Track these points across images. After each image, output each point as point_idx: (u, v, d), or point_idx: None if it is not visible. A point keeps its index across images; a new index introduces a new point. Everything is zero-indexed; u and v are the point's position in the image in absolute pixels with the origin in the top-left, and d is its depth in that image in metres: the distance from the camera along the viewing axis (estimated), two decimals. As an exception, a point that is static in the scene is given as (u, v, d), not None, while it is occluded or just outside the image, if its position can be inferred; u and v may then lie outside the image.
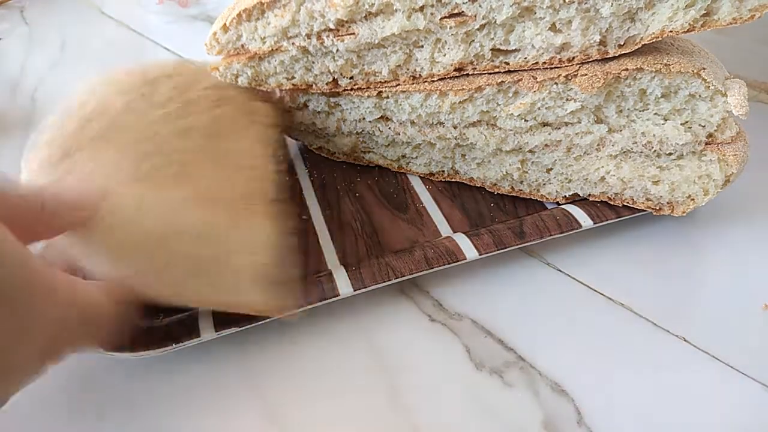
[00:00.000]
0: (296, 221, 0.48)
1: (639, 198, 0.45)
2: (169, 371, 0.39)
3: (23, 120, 0.65)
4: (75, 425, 0.37)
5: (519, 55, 0.42)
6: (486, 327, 0.41)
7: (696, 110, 0.40)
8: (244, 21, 0.43)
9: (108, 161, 0.37)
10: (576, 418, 0.36)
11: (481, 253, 0.42)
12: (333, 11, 0.41)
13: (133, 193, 0.35)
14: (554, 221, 0.44)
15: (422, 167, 0.52)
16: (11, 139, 0.62)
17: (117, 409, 0.37)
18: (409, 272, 0.41)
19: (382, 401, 0.37)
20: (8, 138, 0.62)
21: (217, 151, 0.41)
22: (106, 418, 0.37)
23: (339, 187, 0.51)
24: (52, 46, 0.81)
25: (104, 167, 0.36)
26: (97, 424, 0.37)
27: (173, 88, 0.45)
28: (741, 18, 0.37)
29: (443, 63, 0.43)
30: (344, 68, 0.45)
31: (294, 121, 0.52)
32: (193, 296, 0.36)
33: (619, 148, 0.43)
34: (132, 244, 0.33)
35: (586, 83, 0.40)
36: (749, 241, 0.47)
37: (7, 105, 0.68)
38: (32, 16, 0.90)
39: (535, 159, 0.46)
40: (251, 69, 0.46)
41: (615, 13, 0.38)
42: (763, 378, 0.38)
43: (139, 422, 0.37)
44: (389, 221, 0.47)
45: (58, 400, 0.38)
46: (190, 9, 0.91)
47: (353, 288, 0.40)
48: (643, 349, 0.40)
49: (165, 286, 0.35)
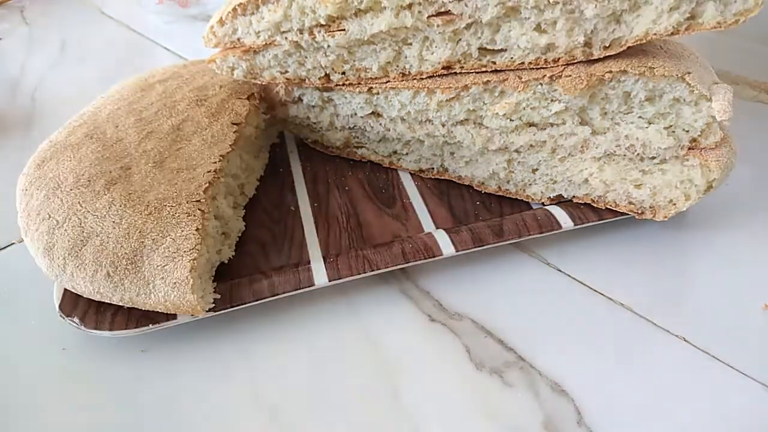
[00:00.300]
0: (285, 212, 0.49)
1: (621, 201, 0.45)
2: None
3: (23, 120, 0.66)
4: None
5: (505, 55, 0.42)
6: (486, 327, 0.42)
7: (680, 114, 0.40)
8: (239, 15, 0.44)
9: (67, 168, 0.42)
10: (576, 418, 0.36)
11: (458, 249, 0.42)
12: (323, 7, 0.42)
13: None
14: (535, 221, 0.44)
15: (412, 164, 0.52)
16: (11, 139, 0.63)
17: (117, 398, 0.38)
18: (385, 265, 0.41)
19: (382, 401, 0.37)
20: (8, 138, 0.63)
21: (167, 154, 0.43)
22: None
23: (330, 180, 0.52)
24: (52, 46, 0.82)
25: (62, 174, 0.41)
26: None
27: (162, 92, 0.49)
28: (725, 22, 0.37)
29: (431, 61, 0.44)
30: (336, 64, 0.46)
31: (289, 115, 0.53)
32: (113, 295, 0.37)
33: (602, 150, 0.43)
34: None
35: (569, 84, 0.40)
36: (749, 242, 0.47)
37: (7, 105, 0.69)
38: (32, 16, 0.91)
39: (521, 159, 0.47)
40: (246, 62, 0.47)
41: (599, 14, 0.38)
42: (763, 378, 0.38)
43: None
44: (375, 216, 0.48)
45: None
46: (190, 9, 0.92)
47: (328, 279, 0.40)
48: (643, 349, 0.40)
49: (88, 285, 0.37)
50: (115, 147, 0.43)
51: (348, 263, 0.42)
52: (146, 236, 0.37)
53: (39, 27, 0.88)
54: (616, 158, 0.44)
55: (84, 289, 0.37)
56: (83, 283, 0.37)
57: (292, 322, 0.42)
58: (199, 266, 0.38)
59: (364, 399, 0.37)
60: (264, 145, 0.55)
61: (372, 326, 0.42)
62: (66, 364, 0.40)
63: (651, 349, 0.40)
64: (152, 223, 0.37)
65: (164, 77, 0.52)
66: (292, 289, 0.40)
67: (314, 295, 0.43)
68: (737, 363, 0.39)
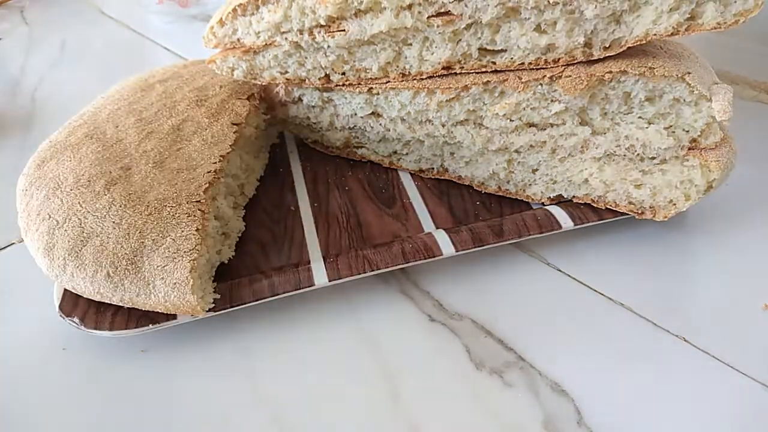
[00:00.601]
0: (284, 212, 0.49)
1: (621, 201, 0.45)
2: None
3: (23, 120, 0.66)
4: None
5: (505, 56, 0.42)
6: (486, 327, 0.42)
7: (680, 115, 0.40)
8: (239, 15, 0.44)
9: (67, 169, 0.42)
10: (576, 418, 0.36)
11: (458, 249, 0.42)
12: (323, 8, 0.42)
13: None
14: (535, 221, 0.44)
15: (412, 164, 0.52)
16: (11, 139, 0.63)
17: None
18: (385, 265, 0.41)
19: (382, 401, 0.37)
20: (8, 138, 0.63)
21: (168, 154, 0.43)
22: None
23: (330, 180, 0.52)
24: (52, 46, 0.82)
25: (62, 174, 0.41)
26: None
27: (162, 92, 0.49)
28: (725, 23, 0.37)
29: (431, 61, 0.44)
30: (336, 64, 0.46)
31: (289, 115, 0.53)
32: (113, 295, 0.37)
33: (602, 150, 0.43)
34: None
35: (569, 85, 0.40)
36: (750, 242, 0.47)
37: (7, 105, 0.69)
38: (32, 16, 0.91)
39: (521, 159, 0.47)
40: (246, 63, 0.47)
41: (599, 15, 0.38)
42: (763, 378, 0.38)
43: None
44: (375, 215, 0.48)
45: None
46: (190, 9, 0.91)
47: (328, 279, 0.40)
48: (644, 349, 0.40)
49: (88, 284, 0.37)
50: (115, 147, 0.43)
51: (348, 263, 0.42)
52: (146, 236, 0.37)
53: (39, 27, 0.88)
54: (616, 158, 0.44)
55: (84, 289, 0.37)
56: (83, 283, 0.37)
57: (292, 322, 0.42)
58: (199, 266, 0.38)
59: (364, 399, 0.37)
60: (264, 145, 0.55)
61: (372, 326, 0.42)
62: (66, 364, 0.40)
63: (651, 349, 0.40)
64: (152, 224, 0.37)
65: (164, 77, 0.52)
66: (292, 289, 0.40)
67: (314, 295, 0.43)
68: (737, 363, 0.39)
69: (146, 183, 0.40)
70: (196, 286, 0.37)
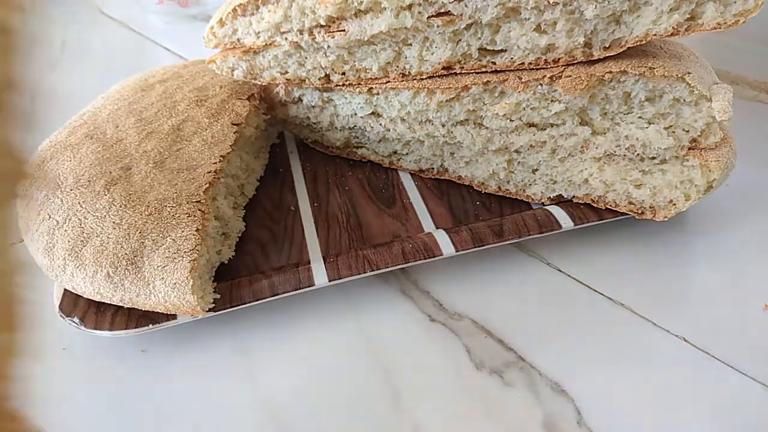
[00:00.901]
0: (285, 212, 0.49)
1: (621, 201, 0.45)
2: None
3: (23, 120, 0.66)
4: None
5: (505, 56, 0.42)
6: (486, 327, 0.42)
7: (680, 115, 0.40)
8: (239, 15, 0.44)
9: (67, 169, 0.42)
10: (576, 418, 0.36)
11: (458, 249, 0.42)
12: (323, 8, 0.42)
13: None
14: (535, 221, 0.44)
15: (412, 164, 0.52)
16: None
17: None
18: (385, 265, 0.41)
19: (381, 401, 0.37)
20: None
21: (168, 154, 0.43)
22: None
23: (330, 180, 0.52)
24: (52, 46, 0.82)
25: (62, 174, 0.41)
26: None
27: (162, 92, 0.49)
28: (725, 23, 0.37)
29: (431, 61, 0.44)
30: (336, 64, 0.46)
31: (289, 115, 0.53)
32: (113, 295, 0.37)
33: (602, 150, 0.43)
34: None
35: (569, 85, 0.40)
36: (749, 242, 0.47)
37: None
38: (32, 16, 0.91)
39: (521, 159, 0.47)
40: (246, 63, 0.47)
41: (599, 15, 0.38)
42: (763, 378, 0.38)
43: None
44: (375, 215, 0.48)
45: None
46: (190, 9, 0.92)
47: (328, 279, 0.40)
48: (643, 349, 0.40)
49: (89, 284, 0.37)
50: (115, 147, 0.43)
51: (348, 263, 0.42)
52: (146, 237, 0.37)
53: (39, 27, 0.87)
54: (616, 158, 0.44)
55: (84, 289, 0.37)
56: (83, 283, 0.37)
57: (292, 322, 0.42)
58: (199, 267, 0.38)
59: (364, 399, 0.37)
60: (264, 145, 0.55)
61: (372, 326, 0.42)
62: (66, 364, 0.40)
63: (651, 349, 0.40)
64: (152, 224, 0.37)
65: (164, 77, 0.52)
66: (292, 289, 0.40)
67: (314, 295, 0.43)
68: (737, 363, 0.39)
69: (146, 183, 0.40)
70: (196, 287, 0.37)
